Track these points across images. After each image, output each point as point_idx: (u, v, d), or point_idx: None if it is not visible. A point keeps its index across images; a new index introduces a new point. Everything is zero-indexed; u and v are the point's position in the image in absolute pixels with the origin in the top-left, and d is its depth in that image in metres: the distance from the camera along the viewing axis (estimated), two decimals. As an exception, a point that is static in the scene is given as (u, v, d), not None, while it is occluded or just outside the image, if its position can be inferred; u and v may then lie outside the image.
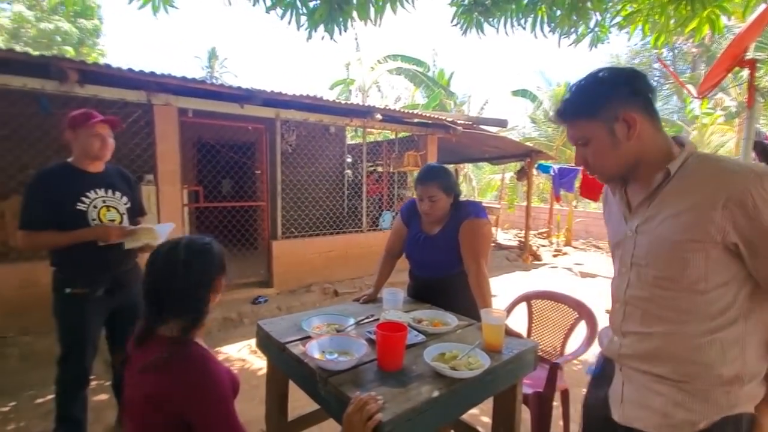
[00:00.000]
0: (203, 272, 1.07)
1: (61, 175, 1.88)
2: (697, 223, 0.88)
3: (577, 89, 1.00)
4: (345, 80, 14.52)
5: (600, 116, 0.96)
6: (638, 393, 1.00)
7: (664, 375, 0.95)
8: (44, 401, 2.61)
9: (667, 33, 2.85)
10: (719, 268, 0.89)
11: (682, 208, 0.91)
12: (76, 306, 1.89)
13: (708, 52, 12.26)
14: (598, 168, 1.02)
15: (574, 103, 1.00)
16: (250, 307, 4.43)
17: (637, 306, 1.00)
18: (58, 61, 3.34)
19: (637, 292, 1.00)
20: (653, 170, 0.97)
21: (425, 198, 1.81)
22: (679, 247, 0.90)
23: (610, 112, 0.95)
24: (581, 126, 1.00)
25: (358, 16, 2.53)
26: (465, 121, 6.51)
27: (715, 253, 0.88)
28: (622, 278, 1.04)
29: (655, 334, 0.96)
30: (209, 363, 1.01)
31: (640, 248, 0.98)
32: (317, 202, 6.10)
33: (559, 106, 1.04)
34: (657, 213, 0.96)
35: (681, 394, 0.93)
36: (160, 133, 4.06)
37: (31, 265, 3.50)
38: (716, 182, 0.88)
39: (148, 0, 2.34)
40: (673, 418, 0.93)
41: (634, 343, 1.01)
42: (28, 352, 3.24)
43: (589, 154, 1.01)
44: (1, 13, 12.68)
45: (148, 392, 0.98)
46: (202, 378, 0.98)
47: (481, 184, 16.51)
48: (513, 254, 7.99)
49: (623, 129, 0.94)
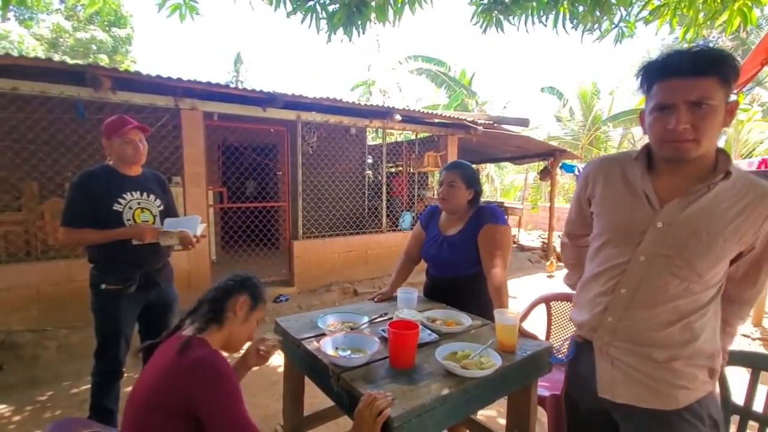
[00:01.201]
0: (229, 286, 1.23)
1: (101, 177, 1.99)
2: (746, 226, 0.94)
3: (713, 50, 0.90)
4: (366, 81, 14.62)
5: (727, 87, 0.90)
6: (629, 372, 1.05)
7: (659, 354, 1.01)
8: (78, 391, 2.76)
9: (696, 27, 2.75)
10: (726, 263, 0.99)
11: (732, 208, 0.95)
12: (111, 301, 1.99)
13: (743, 45, 11.67)
14: (702, 138, 0.91)
15: (712, 61, 0.89)
16: (272, 306, 4.53)
17: (648, 292, 1.02)
18: (93, 69, 3.52)
19: (653, 279, 1.01)
20: (700, 169, 0.98)
21: (445, 183, 1.91)
22: (720, 245, 0.95)
23: (729, 91, 0.91)
24: (710, 85, 0.89)
25: (376, 18, 2.56)
26: (486, 121, 6.44)
27: (735, 250, 0.97)
28: (638, 265, 1.02)
29: (659, 318, 1.01)
30: (221, 359, 1.06)
31: (671, 240, 0.98)
32: (338, 202, 6.17)
33: (693, 51, 0.90)
34: (701, 209, 0.96)
35: (672, 372, 1.00)
36: (186, 137, 4.21)
37: (67, 262, 3.70)
38: (761, 194, 0.95)
39: (176, 8, 2.46)
40: (667, 395, 1.01)
41: (633, 326, 1.04)
42: (65, 344, 3.43)
43: (700, 119, 0.90)
44: (41, 23, 13.41)
45: (156, 388, 1.02)
46: (214, 371, 1.02)
47: (504, 185, 16.27)
48: (536, 256, 7.85)
49: (730, 110, 0.93)
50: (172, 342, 1.10)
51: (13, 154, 4.19)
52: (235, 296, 1.21)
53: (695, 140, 0.92)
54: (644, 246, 1.01)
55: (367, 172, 7.22)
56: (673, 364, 1.00)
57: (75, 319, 3.57)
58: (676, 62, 0.91)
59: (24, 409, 2.56)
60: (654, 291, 1.00)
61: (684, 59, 0.90)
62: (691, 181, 0.97)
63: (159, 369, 1.06)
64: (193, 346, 1.06)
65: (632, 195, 1.05)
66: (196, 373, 1.01)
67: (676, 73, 0.91)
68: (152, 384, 1.04)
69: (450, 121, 6.16)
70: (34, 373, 3.06)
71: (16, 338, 3.33)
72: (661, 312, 1.00)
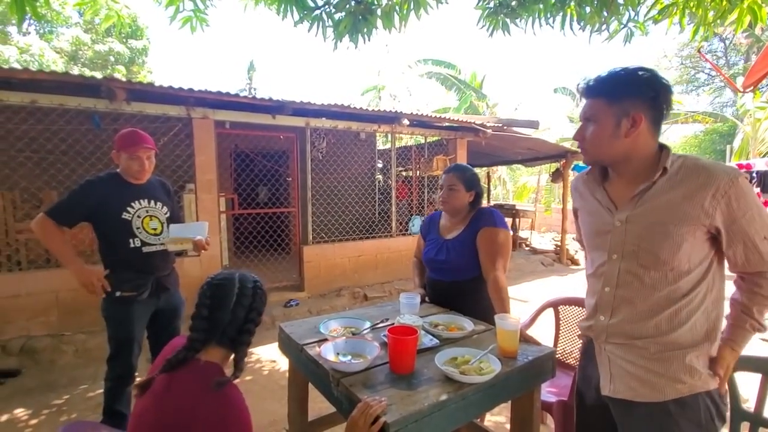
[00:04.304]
0: (254, 309, 1.15)
1: (108, 183, 2.05)
2: (691, 209, 1.01)
3: (611, 74, 1.07)
4: (376, 86, 14.70)
5: (617, 106, 1.05)
6: (625, 367, 1.10)
7: (649, 347, 1.06)
8: (94, 395, 2.82)
9: (705, 25, 2.70)
10: (698, 249, 1.03)
11: (676, 197, 1.03)
12: (124, 307, 2.04)
13: (758, 42, 11.37)
14: (589, 147, 1.12)
15: (602, 84, 1.07)
16: (282, 310, 4.58)
17: (628, 288, 1.10)
18: (108, 82, 3.63)
19: (629, 275, 1.09)
20: (641, 169, 1.09)
21: (446, 186, 1.94)
22: (675, 231, 1.02)
23: (625, 107, 1.04)
24: (596, 105, 1.08)
25: (382, 25, 2.59)
26: (495, 123, 6.41)
27: (699, 235, 1.02)
28: (612, 264, 1.13)
29: (642, 311, 1.07)
30: (244, 405, 1.01)
31: (631, 235, 1.08)
32: (347, 207, 6.20)
33: (588, 79, 1.10)
34: (651, 204, 1.06)
35: (663, 364, 1.05)
36: (198, 145, 4.30)
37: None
38: (706, 176, 1.00)
39: (187, 20, 2.53)
40: (660, 386, 1.04)
41: (622, 321, 1.11)
42: (82, 349, 3.52)
43: (588, 132, 1.10)
44: (60, 37, 13.87)
45: (168, 422, 0.96)
46: (238, 416, 0.97)
47: (517, 187, 16.12)
48: (549, 259, 7.75)
49: (627, 125, 1.05)
50: (188, 376, 1.04)
51: (33, 164, 4.34)
52: (260, 319, 1.19)
53: (583, 148, 1.14)
54: (612, 245, 1.12)
55: (378, 177, 7.25)
56: (665, 354, 1.05)
57: (92, 324, 3.67)
58: (579, 88, 1.13)
59: (41, 412, 2.63)
60: (631, 285, 1.09)
61: (582, 86, 1.11)
62: (638, 181, 1.09)
63: (181, 398, 0.99)
64: (226, 388, 1.01)
65: (597, 203, 1.19)
66: (222, 414, 0.96)
67: (581, 95, 1.13)
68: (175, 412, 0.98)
69: (458, 125, 6.15)
70: (51, 377, 3.15)
71: (35, 343, 3.43)
72: (643, 304, 1.07)
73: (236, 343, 1.11)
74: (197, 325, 1.09)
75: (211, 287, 1.13)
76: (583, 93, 1.11)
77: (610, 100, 1.05)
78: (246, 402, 1.03)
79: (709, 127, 13.91)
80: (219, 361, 1.08)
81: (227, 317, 1.10)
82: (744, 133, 9.60)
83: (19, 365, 3.26)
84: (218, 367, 1.07)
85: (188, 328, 1.12)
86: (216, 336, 1.09)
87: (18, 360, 3.32)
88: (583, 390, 1.29)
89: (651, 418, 1.06)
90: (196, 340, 1.08)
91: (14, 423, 2.51)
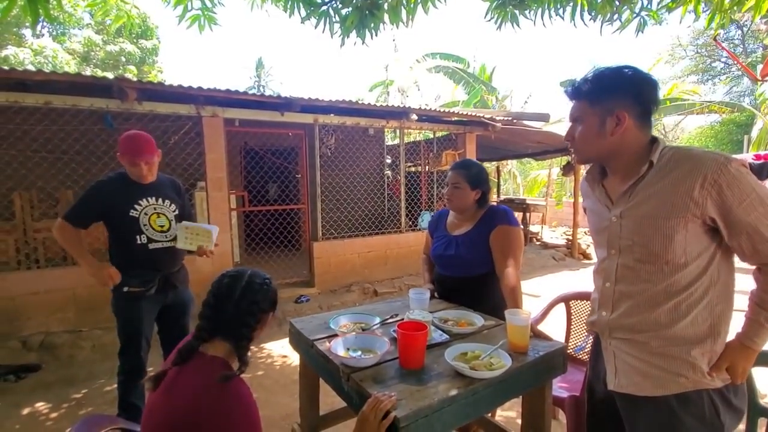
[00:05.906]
0: (255, 303, 1.16)
1: (117, 183, 2.09)
2: (679, 200, 1.00)
3: (595, 76, 1.10)
4: (384, 81, 14.62)
5: (599, 106, 1.08)
6: (629, 361, 1.11)
7: (650, 342, 1.06)
8: (111, 389, 2.88)
9: (722, 12, 2.63)
10: (695, 240, 1.01)
11: (663, 188, 1.03)
12: (131, 303, 2.09)
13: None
14: (579, 147, 1.16)
15: (585, 86, 1.10)
16: (293, 306, 4.62)
17: (626, 282, 1.11)
18: (119, 82, 3.68)
19: (626, 270, 1.11)
20: (632, 164, 1.10)
21: (450, 184, 1.93)
22: (664, 224, 1.02)
23: (608, 106, 1.07)
24: (581, 107, 1.13)
25: (390, 20, 2.57)
26: (504, 117, 6.34)
27: (692, 227, 1.00)
28: (611, 259, 1.15)
29: (641, 305, 1.07)
30: (251, 399, 1.03)
31: (626, 230, 1.10)
32: (357, 203, 6.21)
33: (573, 82, 1.14)
34: (640, 198, 1.07)
35: (665, 358, 1.04)
36: (208, 143, 4.34)
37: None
38: (691, 165, 0.99)
39: (195, 19, 2.55)
40: (662, 381, 1.04)
41: (622, 316, 1.11)
42: (99, 344, 3.60)
43: (577, 133, 1.14)
44: (73, 38, 14.09)
45: (177, 414, 0.97)
46: (245, 411, 0.99)
47: (527, 181, 15.96)
48: (560, 253, 7.67)
49: (612, 123, 1.07)
50: (196, 369, 1.06)
51: (49, 164, 4.43)
52: (265, 316, 1.21)
53: (574, 149, 1.17)
54: (610, 240, 1.14)
55: (387, 172, 7.24)
56: (667, 349, 1.04)
57: (108, 320, 3.69)
58: (567, 91, 1.17)
59: (61, 406, 2.70)
60: (630, 279, 1.10)
61: (567, 89, 1.15)
62: (630, 176, 1.10)
63: (188, 390, 1.01)
64: (232, 382, 1.02)
65: (597, 200, 1.22)
66: (229, 408, 0.97)
67: (569, 97, 1.17)
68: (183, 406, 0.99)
69: (467, 119, 6.10)
70: (70, 372, 3.23)
71: (54, 339, 3.52)
72: (641, 298, 1.08)
73: (237, 337, 1.13)
74: (204, 312, 1.14)
75: (222, 279, 1.17)
76: (569, 96, 1.15)
77: (593, 101, 1.09)
78: (254, 396, 1.05)
79: (726, 117, 13.55)
80: (224, 355, 1.10)
81: (231, 309, 1.12)
82: (762, 122, 9.35)
83: (39, 360, 3.35)
84: (223, 361, 1.09)
85: (197, 316, 1.16)
86: (221, 328, 1.12)
87: (38, 355, 3.41)
88: (593, 385, 1.29)
89: (655, 413, 1.06)
90: (203, 329, 1.12)
91: (36, 416, 2.59)
